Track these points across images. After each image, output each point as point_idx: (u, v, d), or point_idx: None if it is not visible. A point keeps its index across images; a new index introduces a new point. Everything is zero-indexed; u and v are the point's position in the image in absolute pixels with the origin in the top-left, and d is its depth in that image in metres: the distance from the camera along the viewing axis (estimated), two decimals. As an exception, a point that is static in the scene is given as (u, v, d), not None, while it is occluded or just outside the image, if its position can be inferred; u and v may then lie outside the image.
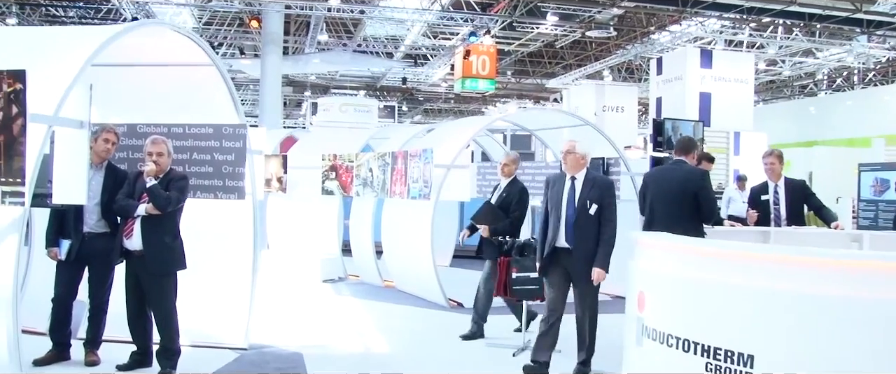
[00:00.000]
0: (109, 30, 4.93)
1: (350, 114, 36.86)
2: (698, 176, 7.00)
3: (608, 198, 6.37)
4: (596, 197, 6.29)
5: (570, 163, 6.39)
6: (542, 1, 24.65)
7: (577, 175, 6.39)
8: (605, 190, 6.40)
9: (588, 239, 6.24)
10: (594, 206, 6.27)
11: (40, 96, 3.98)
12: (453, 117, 52.45)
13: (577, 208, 6.29)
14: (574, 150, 6.38)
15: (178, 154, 6.61)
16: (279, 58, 22.93)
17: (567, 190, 6.37)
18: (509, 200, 8.24)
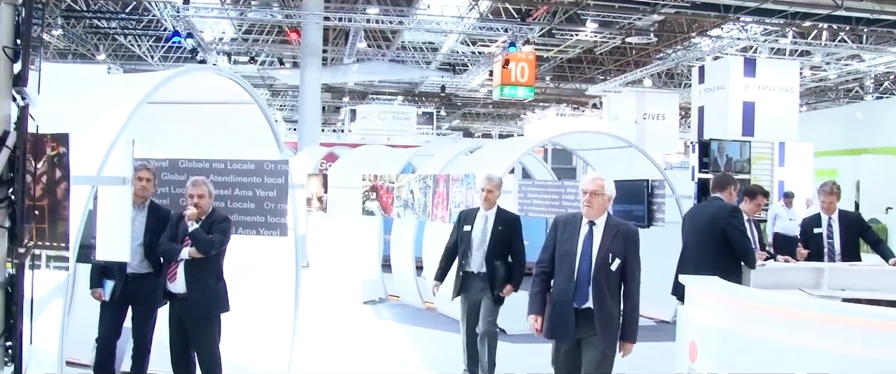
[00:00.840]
0: (153, 78, 4.89)
1: (389, 121, 36.99)
2: (726, 213, 6.81)
3: (633, 250, 5.24)
4: (620, 250, 5.15)
5: (596, 206, 5.19)
6: (582, 8, 24.45)
7: (598, 221, 5.22)
8: (631, 241, 5.24)
9: (608, 300, 5.13)
10: (617, 260, 5.13)
11: (83, 156, 3.94)
12: (491, 122, 52.34)
13: (595, 261, 5.14)
14: (602, 190, 5.20)
15: (219, 190, 6.57)
16: (318, 69, 23.00)
17: (583, 238, 5.22)
18: (506, 236, 7.23)
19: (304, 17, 21.07)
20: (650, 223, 10.09)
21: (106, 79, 5.42)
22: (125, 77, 5.70)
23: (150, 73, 5.71)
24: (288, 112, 50.99)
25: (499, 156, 10.47)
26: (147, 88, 4.66)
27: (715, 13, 22.62)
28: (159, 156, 6.86)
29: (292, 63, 31.58)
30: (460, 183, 9.70)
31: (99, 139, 4.21)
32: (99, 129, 4.29)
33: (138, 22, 28.68)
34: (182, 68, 5.05)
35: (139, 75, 5.45)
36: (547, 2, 24.48)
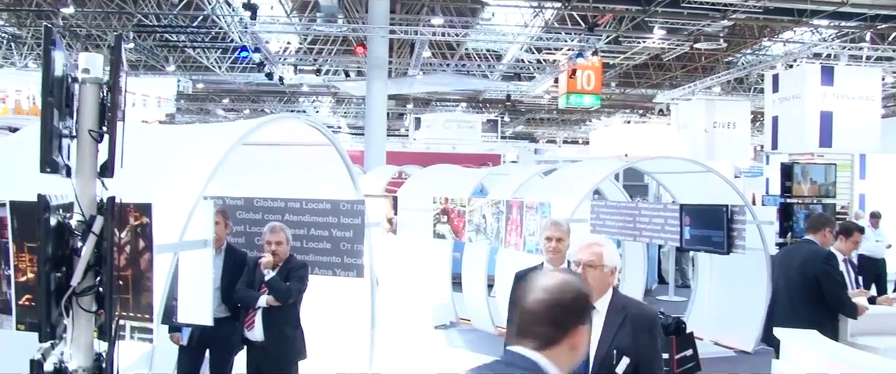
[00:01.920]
0: (232, 132, 4.79)
1: (453, 130, 36.87)
2: (820, 259, 6.45)
3: (650, 343, 3.69)
4: (628, 343, 3.62)
5: (593, 281, 3.66)
6: (650, 15, 24.02)
7: (598, 303, 3.66)
8: (644, 329, 3.69)
9: None
10: (625, 360, 3.59)
11: (164, 220, 3.84)
12: (556, 127, 51.88)
13: (593, 364, 3.62)
14: (599, 261, 3.73)
15: (294, 230, 6.49)
16: (384, 82, 22.97)
17: None
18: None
19: (371, 30, 21.04)
20: (730, 250, 9.75)
21: (184, 133, 5.34)
22: (202, 130, 5.58)
23: (227, 124, 5.62)
24: (351, 119, 51.32)
25: (574, 181, 10.20)
26: (225, 145, 4.55)
27: (788, 17, 22.01)
28: (234, 194, 6.80)
29: (356, 71, 31.76)
30: (535, 211, 9.47)
31: (179, 202, 4.11)
32: (179, 190, 4.19)
33: (206, 34, 29.12)
34: (262, 121, 4.95)
35: (218, 127, 5.35)
36: (612, 9, 24.14)
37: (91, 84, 3.04)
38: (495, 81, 30.76)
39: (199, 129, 5.70)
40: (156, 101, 30.43)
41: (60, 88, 2.88)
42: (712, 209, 9.95)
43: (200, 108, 48.05)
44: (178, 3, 26.34)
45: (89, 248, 3.01)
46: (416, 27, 21.11)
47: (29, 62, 34.36)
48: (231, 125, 5.24)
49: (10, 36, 31.09)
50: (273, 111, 49.37)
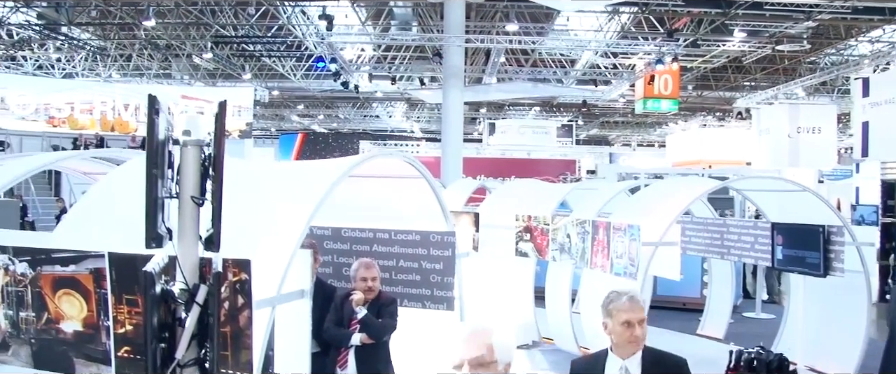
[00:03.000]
0: (330, 173, 4.68)
1: (528, 136, 36.62)
2: None
3: None
4: None
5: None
6: (730, 18, 23.41)
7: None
8: None
9: None
10: None
11: (262, 274, 3.73)
12: (630, 130, 51.12)
13: None
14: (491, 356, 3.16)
15: (383, 261, 6.39)
16: (461, 91, 22.86)
17: None
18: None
19: (447, 39, 20.92)
20: (827, 273, 9.32)
21: (276, 173, 5.25)
22: (295, 170, 5.48)
23: (321, 164, 5.52)
24: (424, 123, 51.41)
25: (662, 201, 9.87)
26: (321, 191, 4.43)
27: (879, 16, 21.22)
28: (321, 224, 6.71)
29: (430, 78, 31.76)
30: (623, 233, 9.19)
31: (276, 253, 4.00)
32: (275, 241, 4.08)
33: (282, 43, 29.49)
34: (357, 160, 4.83)
35: (311, 168, 5.24)
36: (688, 12, 23.61)
37: (192, 147, 2.94)
38: (571, 89, 30.35)
39: (291, 167, 5.59)
40: (234, 110, 30.88)
41: (162, 151, 2.79)
42: (808, 229, 9.53)
43: (275, 114, 48.69)
44: (255, 14, 26.70)
45: (193, 319, 2.91)
46: (491, 35, 20.92)
47: (113, 73, 35.31)
48: (325, 166, 5.12)
49: (96, 48, 31.91)
50: (346, 117, 49.79)
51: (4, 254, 4.36)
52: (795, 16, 22.46)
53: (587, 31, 26.35)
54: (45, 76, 34.36)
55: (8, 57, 32.26)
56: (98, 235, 4.30)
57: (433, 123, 50.79)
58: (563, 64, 30.52)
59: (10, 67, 33.28)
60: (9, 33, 29.73)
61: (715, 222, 11.69)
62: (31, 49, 32.05)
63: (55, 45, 31.73)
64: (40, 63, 34.57)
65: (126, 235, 4.30)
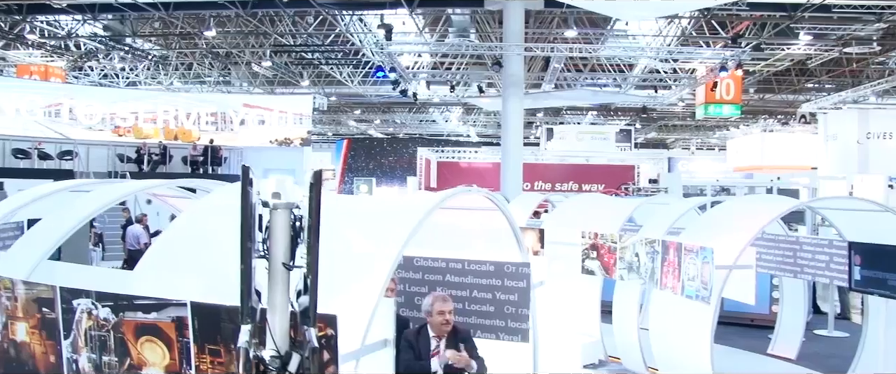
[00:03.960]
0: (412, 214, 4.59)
1: (587, 142, 36.29)
2: None
3: None
4: None
5: None
6: (795, 21, 22.88)
7: None
8: None
9: None
10: None
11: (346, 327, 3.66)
12: (689, 133, 50.34)
13: None
14: None
15: (456, 291, 6.31)
16: (520, 100, 22.72)
17: None
18: None
19: (507, 48, 20.79)
20: (913, 296, 8.99)
21: (355, 211, 5.18)
22: (373, 208, 5.39)
23: (400, 202, 5.44)
24: (480, 128, 51.31)
25: (735, 221, 9.60)
26: (403, 235, 4.34)
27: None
28: (393, 252, 6.64)
29: (487, 83, 31.67)
30: (695, 255, 8.97)
31: (360, 304, 3.92)
32: (359, 291, 4.01)
33: (339, 51, 29.71)
34: (437, 202, 4.72)
35: (391, 205, 5.16)
36: (750, 15, 23.13)
37: (282, 209, 2.88)
38: (630, 96, 29.96)
39: (368, 205, 5.52)
40: (294, 118, 31.13)
41: (255, 221, 2.73)
42: (890, 250, 9.19)
43: (333, 119, 49.03)
44: (313, 22, 26.91)
45: (285, 390, 2.84)
46: (551, 43, 20.74)
47: (174, 80, 35.94)
48: (405, 205, 5.03)
49: (158, 58, 32.49)
50: (403, 121, 49.94)
51: (87, 298, 4.35)
52: (865, 17, 21.89)
53: (646, 35, 26.01)
54: (110, 85, 35.13)
55: (76, 67, 33.02)
56: (180, 280, 4.27)
57: (490, 127, 50.67)
58: (622, 68, 30.16)
59: (78, 77, 34.07)
60: (76, 45, 30.47)
61: (787, 240, 11.37)
62: (96, 59, 32.78)
63: (119, 56, 32.40)
64: (105, 72, 35.37)
65: (209, 282, 4.28)
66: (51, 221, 5.87)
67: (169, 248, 4.84)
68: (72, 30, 28.02)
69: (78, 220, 5.74)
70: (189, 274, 4.29)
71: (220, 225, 4.72)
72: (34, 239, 5.72)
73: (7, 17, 25.28)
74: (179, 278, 4.30)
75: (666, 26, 24.95)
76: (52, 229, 5.63)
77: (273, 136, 30.37)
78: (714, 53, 24.58)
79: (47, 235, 5.57)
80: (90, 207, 5.90)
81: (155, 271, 4.69)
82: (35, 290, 4.76)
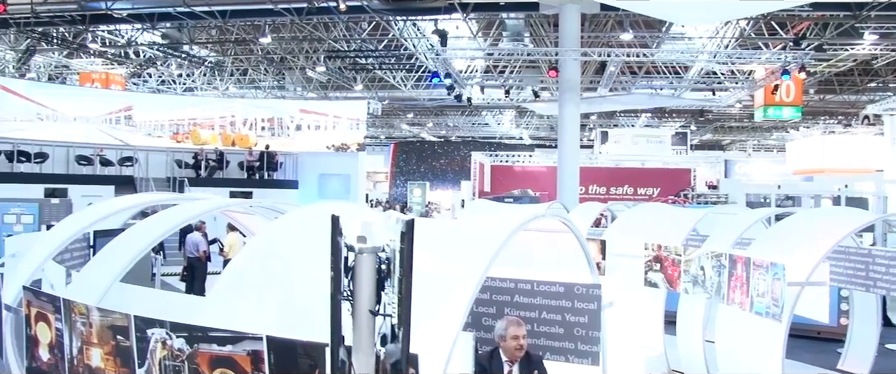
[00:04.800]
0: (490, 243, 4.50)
1: (642, 145, 35.86)
2: None
3: None
4: None
5: None
6: (860, 21, 22.29)
7: None
8: None
9: None
10: None
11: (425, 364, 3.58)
12: (745, 135, 49.46)
13: None
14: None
15: (524, 312, 6.20)
16: (577, 105, 22.49)
17: None
18: None
19: (563, 53, 20.60)
20: None
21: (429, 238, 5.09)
22: (451, 233, 5.27)
23: (474, 229, 5.33)
24: (532, 130, 51.07)
25: (809, 238, 9.31)
26: (480, 267, 4.24)
27: None
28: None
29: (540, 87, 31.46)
30: (765, 271, 8.72)
31: (438, 339, 3.83)
32: (436, 326, 3.92)
33: (393, 56, 29.82)
34: (516, 228, 4.62)
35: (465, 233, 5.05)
36: (809, 15, 22.59)
37: (368, 254, 2.81)
38: (687, 100, 29.48)
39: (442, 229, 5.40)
40: (349, 123, 31.30)
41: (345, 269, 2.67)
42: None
43: (385, 122, 49.20)
44: (367, 28, 27.02)
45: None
46: (608, 49, 20.50)
47: (230, 86, 36.41)
48: (480, 234, 4.91)
49: (214, 64, 32.93)
50: (455, 124, 49.91)
51: (162, 327, 4.34)
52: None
53: (702, 37, 25.58)
54: (167, 92, 35.71)
55: (135, 74, 33.64)
56: (254, 310, 4.23)
57: (542, 129, 50.42)
58: (678, 70, 29.73)
59: (137, 84, 34.70)
60: (136, 52, 31.03)
61: (859, 252, 11.01)
62: (155, 67, 33.37)
63: (177, 62, 32.94)
64: (163, 79, 35.99)
65: (284, 314, 4.23)
66: (122, 240, 5.89)
67: (242, 274, 4.81)
68: (132, 38, 28.53)
69: (149, 241, 5.77)
70: (263, 304, 4.24)
71: (293, 252, 4.69)
72: (106, 260, 5.75)
73: (71, 28, 25.80)
74: (253, 309, 4.26)
75: (723, 27, 24.50)
76: (124, 250, 5.65)
77: (329, 141, 30.60)
78: (773, 55, 24.07)
79: (119, 257, 5.58)
80: (163, 226, 5.92)
81: (228, 298, 4.67)
82: (109, 317, 4.78)
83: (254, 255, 4.83)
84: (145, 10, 23.23)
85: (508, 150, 48.56)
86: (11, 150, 24.74)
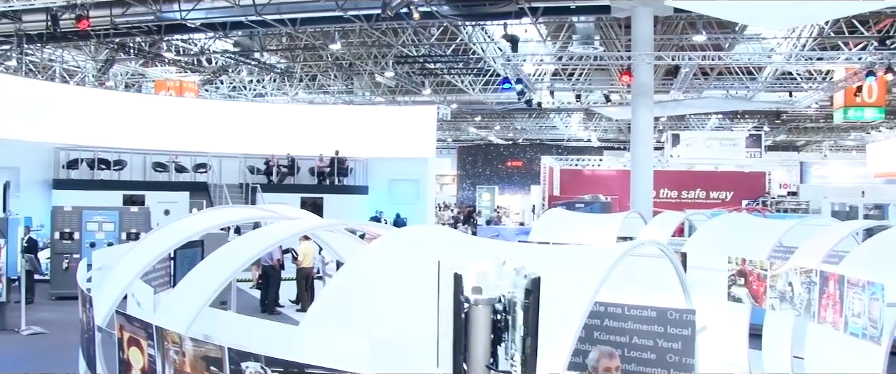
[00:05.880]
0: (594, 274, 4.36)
1: (715, 149, 35.16)
2: None
3: None
4: None
5: None
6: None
7: None
8: None
9: None
10: None
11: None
12: (821, 135, 48.10)
13: None
14: None
15: (615, 337, 6.05)
16: (650, 110, 22.12)
17: None
18: None
19: (636, 57, 20.27)
20: None
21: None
22: (544, 262, 5.15)
23: (571, 256, 5.21)
24: (600, 133, 50.52)
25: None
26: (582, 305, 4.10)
27: None
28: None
29: (609, 90, 31.08)
30: (861, 290, 8.37)
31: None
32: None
33: (461, 61, 29.78)
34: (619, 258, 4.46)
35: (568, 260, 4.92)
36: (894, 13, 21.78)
37: (483, 305, 2.70)
38: (763, 103, 28.74)
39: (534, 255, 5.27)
40: (419, 128, 31.33)
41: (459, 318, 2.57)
42: None
43: (453, 125, 49.21)
44: (435, 33, 27.02)
45: None
46: (681, 52, 20.10)
47: (299, 91, 36.83)
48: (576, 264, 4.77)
49: (283, 70, 33.33)
50: (523, 127, 49.68)
51: (257, 362, 4.30)
52: None
53: (776, 37, 24.91)
54: (238, 97, 36.29)
55: (207, 81, 34.24)
56: (350, 344, 4.17)
57: (610, 132, 49.84)
58: (751, 71, 29.04)
59: (209, 91, 35.33)
60: (208, 60, 31.60)
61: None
62: (226, 74, 33.94)
63: (248, 69, 33.44)
64: (234, 85, 36.58)
65: (379, 350, 4.16)
66: (213, 263, 5.89)
67: (335, 302, 4.75)
68: (204, 46, 29.03)
69: (240, 264, 5.76)
70: (358, 336, 4.17)
71: (388, 281, 4.60)
72: (196, 283, 5.74)
73: (147, 38, 26.37)
74: (349, 342, 4.19)
75: (801, 26, 23.83)
76: (214, 273, 5.64)
77: (398, 146, 30.63)
78: (854, 55, 23.31)
79: (209, 280, 5.57)
80: (254, 249, 5.91)
81: (322, 327, 4.61)
82: (203, 348, 4.75)
83: (347, 284, 4.77)
84: (218, 20, 23.59)
85: (576, 153, 48.17)
86: (93, 157, 25.39)
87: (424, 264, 4.06)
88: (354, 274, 4.75)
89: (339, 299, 4.71)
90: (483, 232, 21.47)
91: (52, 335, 13.31)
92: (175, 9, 22.17)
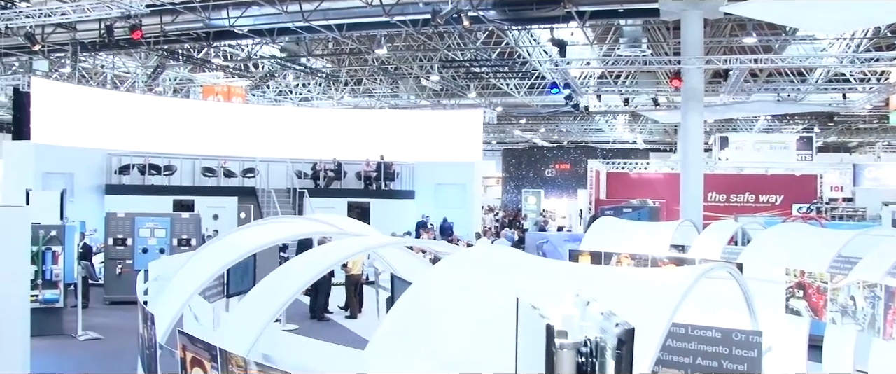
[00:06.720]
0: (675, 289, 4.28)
1: (765, 152, 34.60)
2: None
3: None
4: None
5: None
6: None
7: None
8: None
9: None
10: None
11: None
12: (875, 136, 47.09)
13: None
14: None
15: (677, 357, 5.92)
16: (700, 114, 21.82)
17: None
18: None
19: (686, 61, 20.01)
20: None
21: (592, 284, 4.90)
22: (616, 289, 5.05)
23: (642, 279, 5.10)
24: (646, 135, 50.08)
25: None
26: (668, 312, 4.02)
27: None
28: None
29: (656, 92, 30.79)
30: (929, 305, 8.17)
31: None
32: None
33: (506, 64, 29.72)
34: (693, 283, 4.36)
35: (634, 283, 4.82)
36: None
37: (568, 350, 2.64)
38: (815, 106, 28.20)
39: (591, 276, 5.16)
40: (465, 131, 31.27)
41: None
42: None
43: (498, 128, 49.13)
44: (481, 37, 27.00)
45: None
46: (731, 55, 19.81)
47: (344, 95, 37.03)
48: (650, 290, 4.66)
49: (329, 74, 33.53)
50: (568, 130, 49.44)
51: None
52: None
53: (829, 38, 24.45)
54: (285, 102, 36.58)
55: (254, 86, 34.59)
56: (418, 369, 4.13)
57: (656, 134, 49.38)
58: (802, 71, 28.55)
59: (256, 95, 35.67)
60: (255, 65, 31.92)
61: None
62: (273, 78, 34.25)
63: (294, 74, 33.70)
64: (281, 90, 36.91)
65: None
66: (271, 283, 5.89)
67: (404, 323, 4.69)
68: (251, 52, 29.33)
69: (301, 285, 5.75)
70: (427, 362, 4.14)
71: (459, 302, 4.54)
72: (255, 304, 5.74)
73: (196, 44, 26.70)
74: (417, 367, 4.16)
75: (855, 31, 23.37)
76: (275, 294, 5.64)
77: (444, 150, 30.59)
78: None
79: (271, 301, 5.56)
80: (316, 268, 5.90)
81: (389, 349, 4.57)
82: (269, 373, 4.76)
83: (413, 306, 4.72)
84: (266, 26, 23.82)
85: (622, 155, 47.78)
86: (144, 163, 25.76)
87: (496, 291, 4.01)
88: (420, 298, 4.71)
89: (404, 323, 4.67)
90: (530, 238, 21.32)
91: (107, 340, 13.50)
92: (223, 16, 22.43)
